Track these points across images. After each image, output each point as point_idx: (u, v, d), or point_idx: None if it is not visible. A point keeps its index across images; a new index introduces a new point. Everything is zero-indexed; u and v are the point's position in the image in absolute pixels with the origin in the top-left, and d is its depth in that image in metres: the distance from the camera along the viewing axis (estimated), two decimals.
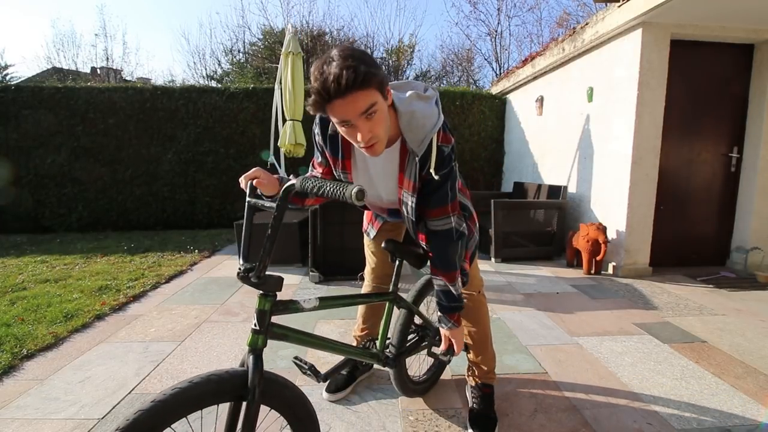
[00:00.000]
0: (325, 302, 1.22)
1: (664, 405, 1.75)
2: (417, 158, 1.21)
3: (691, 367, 2.07)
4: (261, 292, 1.04)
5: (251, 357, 1.02)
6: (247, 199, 1.12)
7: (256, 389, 0.99)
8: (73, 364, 2.12)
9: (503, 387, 1.88)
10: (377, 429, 1.60)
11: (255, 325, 1.04)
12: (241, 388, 0.99)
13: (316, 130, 1.36)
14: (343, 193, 0.90)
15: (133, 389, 1.87)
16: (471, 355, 1.72)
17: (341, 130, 1.12)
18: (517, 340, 2.38)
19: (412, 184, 1.26)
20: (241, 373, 1.00)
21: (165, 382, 1.93)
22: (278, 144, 4.71)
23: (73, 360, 2.16)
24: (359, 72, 0.98)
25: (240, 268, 1.02)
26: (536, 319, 2.70)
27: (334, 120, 1.09)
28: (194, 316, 2.76)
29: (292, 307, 1.14)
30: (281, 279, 1.05)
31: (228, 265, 4.13)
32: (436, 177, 1.21)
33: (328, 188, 0.92)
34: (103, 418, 1.67)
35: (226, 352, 2.24)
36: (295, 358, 1.20)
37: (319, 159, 1.44)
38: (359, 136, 1.08)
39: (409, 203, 1.30)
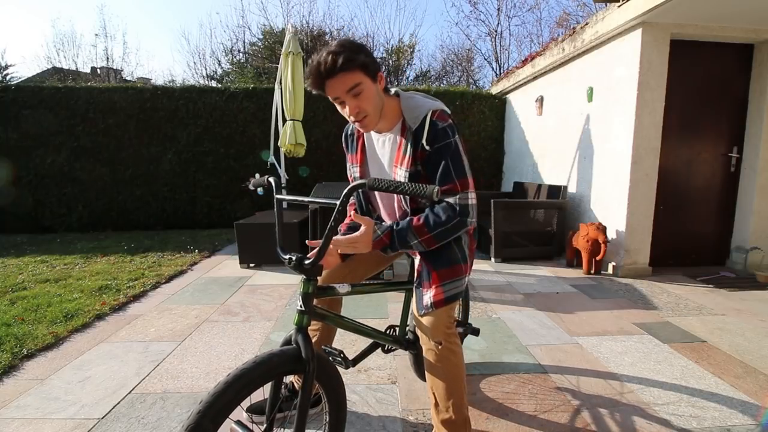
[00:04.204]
0: (356, 288, 1.34)
1: (663, 405, 1.75)
2: (411, 132, 1.31)
3: (691, 367, 2.07)
4: (305, 277, 1.14)
5: (300, 335, 1.10)
6: (275, 195, 1.25)
7: (311, 362, 1.07)
8: (73, 364, 2.12)
9: (503, 387, 1.89)
10: (377, 429, 1.60)
11: (300, 306, 1.14)
12: (294, 363, 1.07)
13: (344, 138, 1.56)
14: (424, 192, 0.96)
15: (133, 389, 1.87)
16: (434, 417, 1.39)
17: (338, 108, 1.30)
18: (517, 339, 2.39)
19: (407, 159, 1.33)
20: (292, 349, 1.08)
21: (165, 381, 1.94)
22: (278, 144, 4.72)
23: (73, 360, 2.17)
24: (338, 59, 1.17)
25: (292, 258, 1.12)
26: (536, 318, 2.70)
27: (330, 98, 1.27)
28: (194, 316, 2.76)
29: (329, 291, 1.25)
30: (322, 266, 1.16)
31: (228, 265, 4.13)
32: (428, 147, 1.28)
33: (406, 187, 0.98)
34: (103, 417, 1.67)
35: (226, 351, 2.24)
36: (325, 345, 1.26)
37: (349, 172, 1.56)
38: (348, 110, 1.26)
39: (403, 179, 1.34)
